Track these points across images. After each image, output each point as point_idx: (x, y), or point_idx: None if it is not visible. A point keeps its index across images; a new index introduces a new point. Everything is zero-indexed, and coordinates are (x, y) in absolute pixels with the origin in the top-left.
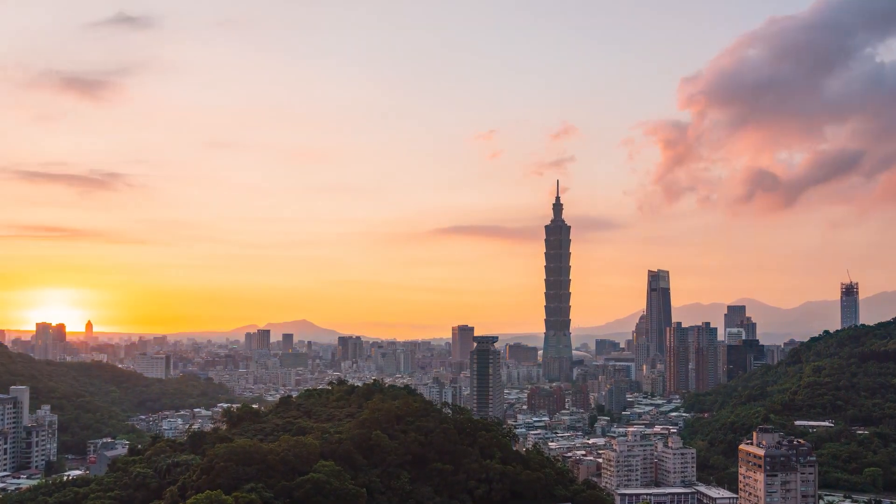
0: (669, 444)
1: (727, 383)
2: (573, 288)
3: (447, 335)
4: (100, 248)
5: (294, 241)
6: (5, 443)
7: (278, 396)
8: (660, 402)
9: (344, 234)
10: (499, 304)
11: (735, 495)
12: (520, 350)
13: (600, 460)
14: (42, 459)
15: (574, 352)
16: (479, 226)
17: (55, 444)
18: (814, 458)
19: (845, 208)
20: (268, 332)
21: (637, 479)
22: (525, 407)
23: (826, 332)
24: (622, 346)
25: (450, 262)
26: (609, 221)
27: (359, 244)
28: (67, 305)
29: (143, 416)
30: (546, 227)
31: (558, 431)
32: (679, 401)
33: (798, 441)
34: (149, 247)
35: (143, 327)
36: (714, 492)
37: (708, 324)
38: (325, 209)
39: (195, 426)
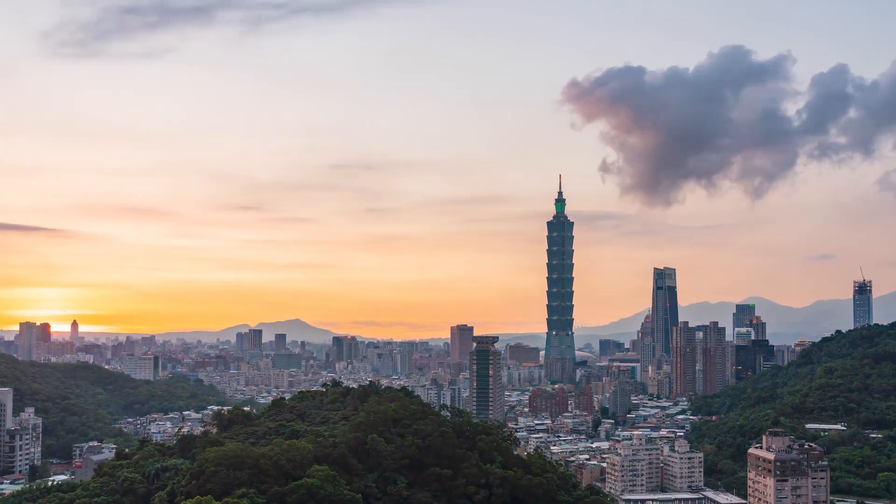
0: (676, 448)
1: (735, 385)
2: (576, 286)
3: (445, 335)
4: (85, 244)
5: (287, 237)
6: None
7: (271, 398)
8: (666, 404)
9: (338, 229)
10: (499, 303)
11: (744, 501)
12: (521, 350)
13: (604, 465)
14: (26, 464)
15: (577, 352)
16: (478, 221)
17: (39, 448)
18: (825, 463)
19: (859, 203)
20: (260, 331)
21: (642, 485)
22: (526, 409)
23: (838, 331)
24: (627, 346)
25: (448, 259)
26: (614, 216)
27: (354, 240)
28: (52, 304)
29: (130, 419)
30: (548, 222)
31: (561, 435)
32: (686, 403)
33: (809, 445)
34: (136, 242)
35: (130, 327)
36: (722, 497)
37: (716, 323)
38: (319, 203)
39: (184, 429)
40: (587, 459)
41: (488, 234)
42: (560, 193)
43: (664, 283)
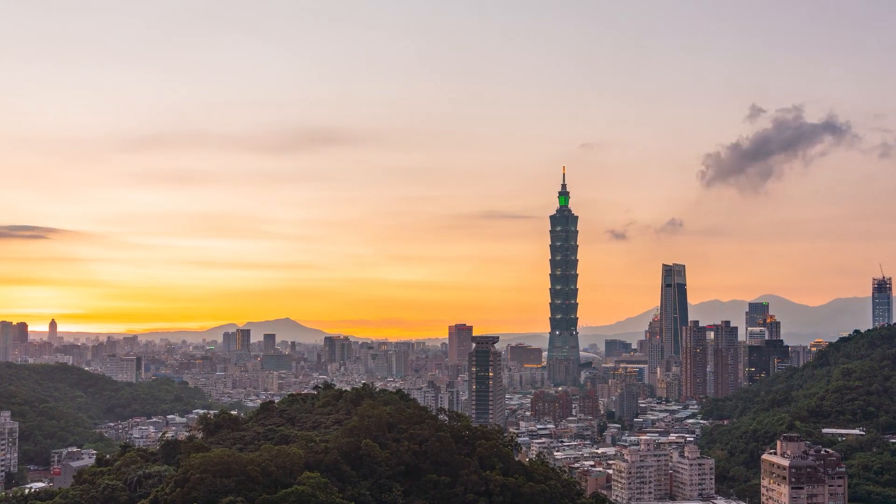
0: (685, 454)
1: (748, 387)
2: (581, 284)
3: (443, 335)
4: (66, 241)
5: (277, 233)
6: None
7: (259, 402)
8: (675, 407)
9: (332, 225)
10: (500, 302)
11: None
12: (522, 351)
13: (610, 471)
14: (1, 471)
15: (581, 353)
16: (478, 216)
17: (16, 454)
18: (843, 470)
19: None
20: (248, 331)
21: (650, 492)
22: (528, 413)
23: (856, 331)
24: (634, 346)
25: (446, 256)
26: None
27: (347, 236)
28: (30, 302)
29: (111, 424)
30: (551, 217)
31: (564, 440)
32: (696, 406)
33: (826, 450)
34: (121, 239)
35: (111, 326)
36: None
37: (728, 322)
38: (312, 198)
39: (168, 434)
40: (592, 466)
41: (489, 227)
42: (564, 186)
43: (673, 281)
